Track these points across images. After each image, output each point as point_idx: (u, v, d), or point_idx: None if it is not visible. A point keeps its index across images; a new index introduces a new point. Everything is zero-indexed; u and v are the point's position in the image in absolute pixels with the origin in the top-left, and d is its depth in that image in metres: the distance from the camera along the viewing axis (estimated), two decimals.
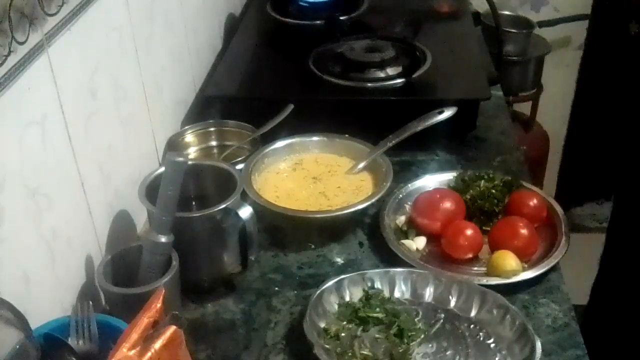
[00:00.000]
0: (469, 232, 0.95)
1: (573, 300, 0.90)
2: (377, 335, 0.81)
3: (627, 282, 1.16)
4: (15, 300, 0.60)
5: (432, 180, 1.08)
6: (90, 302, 0.72)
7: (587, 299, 1.40)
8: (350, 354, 0.79)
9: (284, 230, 1.02)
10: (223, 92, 1.23)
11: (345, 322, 0.83)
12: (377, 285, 0.88)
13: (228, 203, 0.86)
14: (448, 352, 0.81)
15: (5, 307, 0.58)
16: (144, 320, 0.62)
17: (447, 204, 0.99)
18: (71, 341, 0.70)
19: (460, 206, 0.99)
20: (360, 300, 0.86)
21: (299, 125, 1.13)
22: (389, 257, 0.95)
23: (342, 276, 0.88)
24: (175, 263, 0.81)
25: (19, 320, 0.59)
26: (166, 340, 0.60)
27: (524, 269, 0.91)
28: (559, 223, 0.99)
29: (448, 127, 1.11)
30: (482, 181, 1.03)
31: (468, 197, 1.01)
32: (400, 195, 1.05)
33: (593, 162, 2.23)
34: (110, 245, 0.91)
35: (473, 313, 0.85)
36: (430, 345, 0.82)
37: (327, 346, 0.80)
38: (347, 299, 0.87)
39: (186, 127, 1.16)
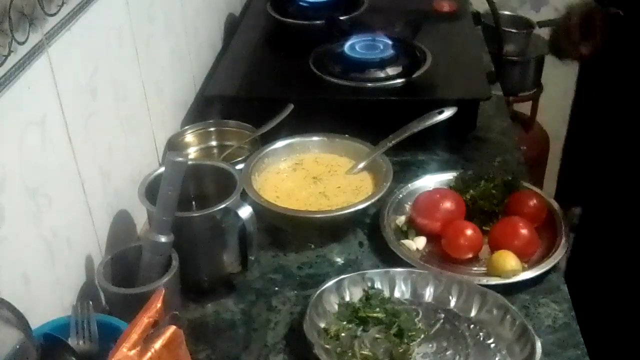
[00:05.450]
0: (469, 232, 0.95)
1: None
2: (377, 335, 0.82)
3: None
4: (15, 300, 0.60)
5: (432, 180, 1.08)
6: (90, 302, 0.72)
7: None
8: (350, 354, 0.79)
9: (284, 230, 1.02)
10: (223, 92, 1.23)
11: (345, 322, 0.83)
12: (377, 285, 0.88)
13: (228, 203, 0.86)
14: (448, 352, 0.81)
15: (5, 307, 0.58)
16: (144, 320, 0.62)
17: (447, 204, 0.99)
18: (71, 341, 0.70)
19: (460, 206, 0.99)
20: (360, 300, 0.86)
21: (299, 125, 1.13)
22: (389, 257, 0.95)
23: (342, 276, 0.88)
24: (175, 263, 0.81)
25: (19, 320, 0.59)
26: (166, 340, 0.60)
27: (524, 269, 0.91)
28: (559, 223, 0.99)
29: (448, 127, 1.10)
30: (482, 181, 1.03)
31: (468, 197, 1.01)
32: (400, 195, 1.05)
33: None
34: (110, 245, 0.91)
35: (473, 313, 0.85)
36: (430, 345, 0.82)
37: (327, 346, 0.80)
38: (347, 299, 0.87)
39: (186, 127, 1.16)
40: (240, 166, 1.02)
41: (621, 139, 1.33)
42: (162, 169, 0.82)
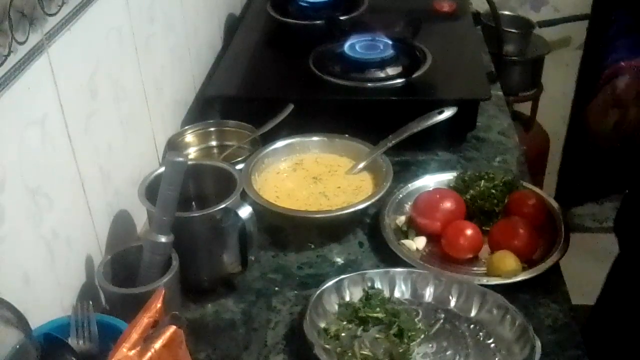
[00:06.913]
0: (469, 232, 0.95)
1: (573, 300, 0.90)
2: (377, 335, 0.82)
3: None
4: (15, 300, 0.60)
5: (432, 180, 1.08)
6: (90, 302, 0.72)
7: (586, 299, 1.40)
8: (350, 354, 0.79)
9: (284, 230, 1.02)
10: (223, 92, 1.23)
11: (345, 322, 0.83)
12: (377, 285, 0.88)
13: (228, 203, 0.86)
14: (448, 352, 0.81)
15: (5, 307, 0.58)
16: (144, 320, 0.62)
17: (447, 204, 0.99)
18: (71, 341, 0.70)
19: (460, 206, 0.99)
20: (360, 300, 0.86)
21: (299, 125, 1.13)
22: (389, 257, 0.95)
23: (342, 276, 0.88)
24: (175, 263, 0.81)
25: (19, 320, 0.59)
26: (166, 340, 0.60)
27: (524, 269, 0.91)
28: (559, 223, 0.99)
29: (448, 127, 1.11)
30: (482, 181, 1.03)
31: (468, 197, 1.01)
32: (400, 195, 1.05)
33: (593, 162, 2.23)
34: (110, 245, 0.91)
35: (473, 313, 0.85)
36: (430, 345, 0.82)
37: (327, 346, 0.80)
38: (347, 299, 0.87)
39: (186, 127, 1.16)
40: (240, 166, 1.02)
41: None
42: (162, 169, 0.82)
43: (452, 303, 0.87)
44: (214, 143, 1.16)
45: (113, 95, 0.93)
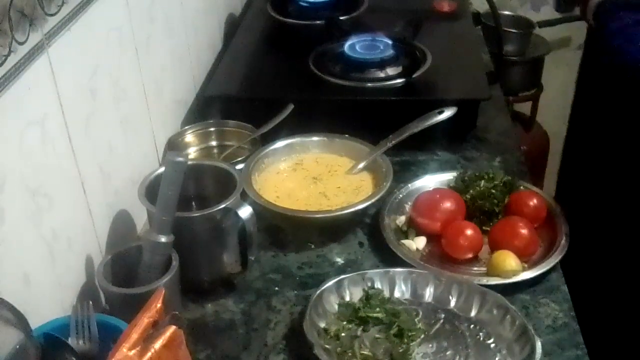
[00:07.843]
0: (469, 232, 0.95)
1: None
2: (377, 335, 0.82)
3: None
4: (15, 300, 0.60)
5: (432, 180, 1.08)
6: (90, 302, 0.72)
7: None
8: (350, 354, 0.80)
9: (284, 230, 1.02)
10: (223, 92, 1.23)
11: (345, 322, 0.83)
12: (377, 285, 0.88)
13: (228, 203, 0.86)
14: (448, 352, 0.81)
15: (5, 307, 0.58)
16: (144, 320, 0.62)
17: (447, 204, 0.99)
18: (71, 341, 0.70)
19: (460, 206, 0.99)
20: (360, 300, 0.86)
21: (299, 125, 1.13)
22: (389, 257, 0.95)
23: (342, 276, 0.88)
24: (175, 263, 0.81)
25: (19, 320, 0.59)
26: (166, 340, 0.60)
27: (524, 269, 0.91)
28: (559, 223, 0.99)
29: (448, 127, 1.11)
30: (482, 181, 1.03)
31: (468, 197, 1.01)
32: (400, 195, 1.05)
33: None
34: (110, 245, 0.91)
35: (473, 313, 0.85)
36: (430, 345, 0.82)
37: (327, 346, 0.80)
38: (347, 299, 0.87)
39: (186, 127, 1.16)
40: (240, 166, 1.02)
41: (621, 138, 1.33)
42: (162, 169, 0.82)
43: (452, 303, 0.87)
44: (214, 143, 1.16)
45: (113, 95, 0.93)
